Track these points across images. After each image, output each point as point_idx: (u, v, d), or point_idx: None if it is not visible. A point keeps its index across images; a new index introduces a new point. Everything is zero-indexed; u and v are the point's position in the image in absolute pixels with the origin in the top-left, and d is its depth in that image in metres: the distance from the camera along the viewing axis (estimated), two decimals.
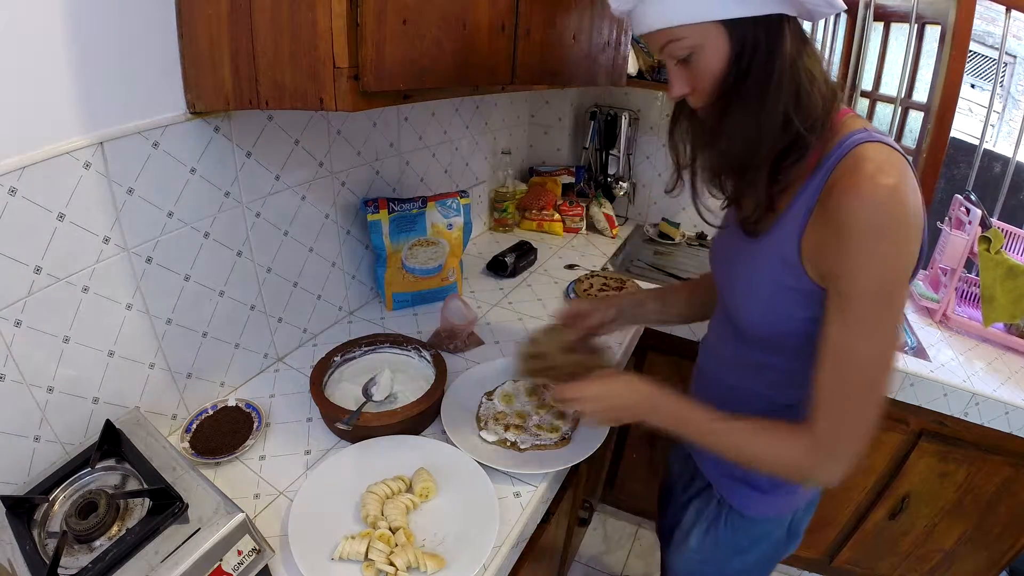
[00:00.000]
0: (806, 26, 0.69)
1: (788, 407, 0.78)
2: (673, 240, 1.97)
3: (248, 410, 0.97)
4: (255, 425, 0.94)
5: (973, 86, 3.46)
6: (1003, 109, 3.47)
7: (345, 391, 1.02)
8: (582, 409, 0.83)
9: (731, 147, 0.68)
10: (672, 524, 1.06)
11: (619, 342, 1.27)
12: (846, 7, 0.65)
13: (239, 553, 0.63)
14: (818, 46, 1.98)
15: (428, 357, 1.09)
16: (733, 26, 0.63)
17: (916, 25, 1.72)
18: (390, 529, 0.77)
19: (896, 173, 0.59)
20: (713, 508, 0.93)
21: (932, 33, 1.71)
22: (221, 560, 0.61)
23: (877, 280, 0.60)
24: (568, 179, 2.03)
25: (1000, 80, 3.08)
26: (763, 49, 0.63)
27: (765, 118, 0.65)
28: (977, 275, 1.54)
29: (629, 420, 0.81)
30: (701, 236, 2.01)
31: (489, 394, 1.05)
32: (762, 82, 0.63)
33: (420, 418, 0.96)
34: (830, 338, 0.64)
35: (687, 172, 0.76)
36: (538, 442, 0.94)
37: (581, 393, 0.81)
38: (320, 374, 1.02)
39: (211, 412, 0.96)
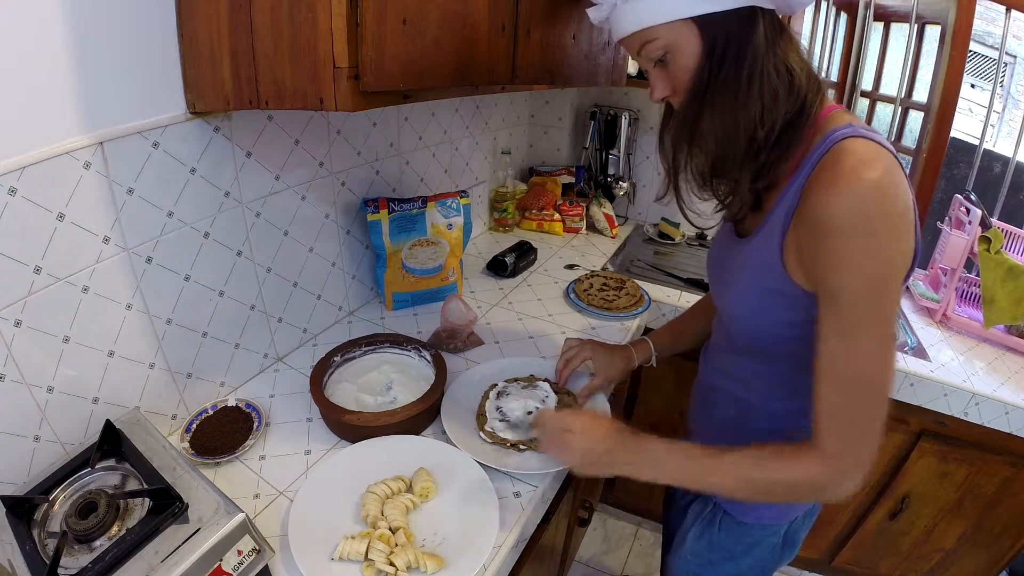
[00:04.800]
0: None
1: (779, 417, 0.79)
2: (673, 240, 1.97)
3: (248, 410, 0.97)
4: (255, 425, 0.94)
5: (973, 86, 3.46)
6: (1003, 109, 3.47)
7: (345, 391, 1.02)
8: (571, 464, 0.80)
9: (709, 144, 0.67)
10: (674, 528, 1.06)
11: (618, 341, 1.27)
12: None
13: (239, 553, 0.63)
14: (818, 46, 1.98)
15: (428, 357, 1.09)
16: (703, 23, 0.63)
17: (916, 25, 1.72)
18: (390, 529, 0.77)
19: (880, 167, 0.56)
20: (709, 511, 0.93)
21: (932, 33, 1.72)
22: (221, 560, 0.61)
23: (865, 278, 0.57)
24: (568, 179, 2.03)
25: (1000, 80, 3.08)
26: (734, 44, 0.62)
27: (741, 113, 0.64)
28: (977, 275, 1.54)
29: (614, 472, 0.74)
30: (701, 236, 2.01)
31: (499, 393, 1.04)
32: (735, 77, 0.63)
33: (420, 418, 0.96)
34: (826, 345, 0.62)
35: (673, 175, 0.74)
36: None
37: (548, 437, 0.80)
38: (320, 374, 1.02)
39: (211, 412, 0.96)
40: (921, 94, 1.77)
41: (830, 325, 0.61)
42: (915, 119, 1.78)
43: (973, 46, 1.58)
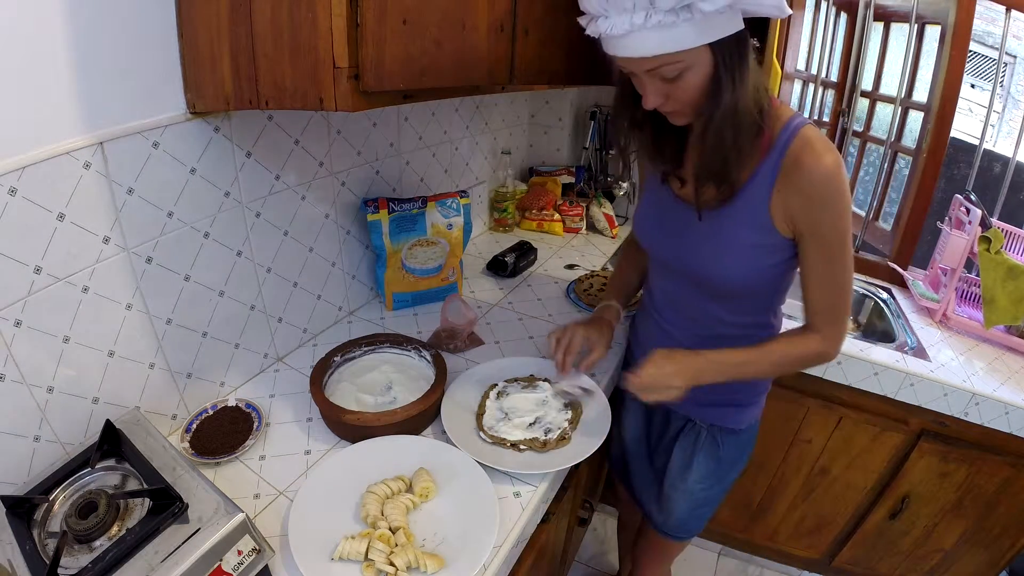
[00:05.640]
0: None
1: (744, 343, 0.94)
2: None
3: (248, 410, 0.97)
4: (255, 425, 0.94)
5: (973, 86, 3.46)
6: (1003, 109, 3.47)
7: (345, 391, 1.02)
8: (660, 397, 0.89)
9: (719, 148, 0.77)
10: (658, 475, 1.17)
11: (620, 341, 1.27)
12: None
13: (239, 553, 0.63)
14: (818, 46, 1.98)
15: (428, 357, 1.09)
16: (717, 45, 0.71)
17: (916, 25, 1.72)
18: (390, 529, 0.77)
19: (833, 148, 0.77)
20: (705, 437, 1.06)
21: (932, 33, 1.71)
22: (221, 560, 0.61)
23: (845, 223, 0.79)
24: (568, 179, 2.03)
25: (1000, 80, 3.08)
26: (738, 59, 0.72)
27: (743, 117, 0.75)
28: (977, 275, 1.54)
29: (691, 385, 0.90)
30: None
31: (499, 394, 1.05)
32: (738, 87, 0.73)
33: (420, 418, 0.96)
34: (814, 267, 0.83)
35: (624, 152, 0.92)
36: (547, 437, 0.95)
37: (646, 384, 0.89)
38: (320, 374, 1.02)
39: (211, 412, 0.96)
40: (921, 94, 1.77)
41: (818, 254, 0.82)
42: (915, 119, 1.78)
43: (973, 46, 1.58)
